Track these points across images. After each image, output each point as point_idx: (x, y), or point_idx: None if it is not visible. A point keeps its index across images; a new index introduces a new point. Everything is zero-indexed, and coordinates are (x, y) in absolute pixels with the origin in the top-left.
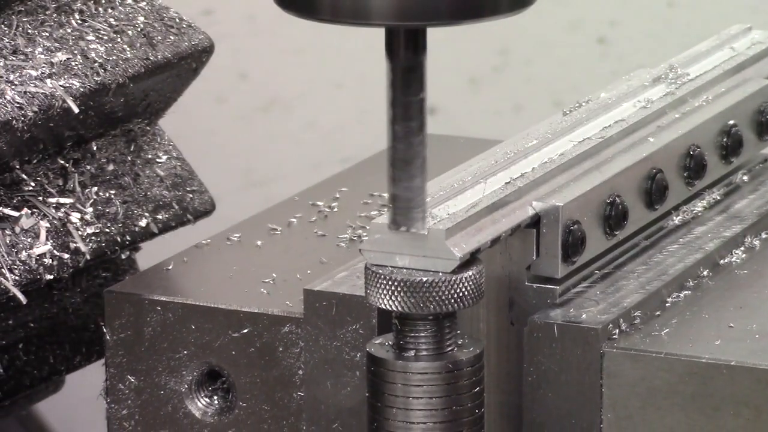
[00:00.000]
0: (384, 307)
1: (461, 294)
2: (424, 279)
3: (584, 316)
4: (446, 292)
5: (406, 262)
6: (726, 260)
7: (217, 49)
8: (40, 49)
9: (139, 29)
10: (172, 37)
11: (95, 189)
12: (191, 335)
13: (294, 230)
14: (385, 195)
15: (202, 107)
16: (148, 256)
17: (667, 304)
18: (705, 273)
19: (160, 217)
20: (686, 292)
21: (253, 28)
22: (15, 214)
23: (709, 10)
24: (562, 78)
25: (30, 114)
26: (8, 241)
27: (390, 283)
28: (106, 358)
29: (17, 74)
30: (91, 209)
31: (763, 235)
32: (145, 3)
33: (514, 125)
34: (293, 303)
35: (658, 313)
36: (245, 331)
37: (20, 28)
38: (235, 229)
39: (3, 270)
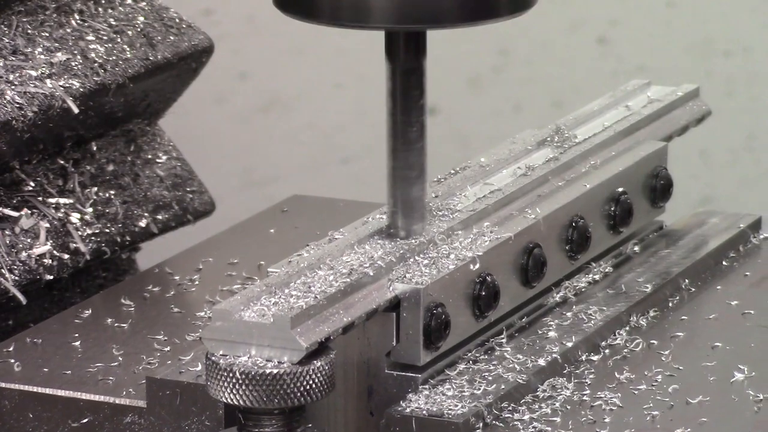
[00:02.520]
0: (226, 401)
1: (309, 387)
2: (268, 371)
3: (446, 407)
4: (292, 385)
5: (249, 352)
6: (608, 341)
7: (217, 49)
8: (39, 50)
9: (139, 29)
10: (172, 38)
11: (95, 189)
12: (29, 424)
13: (148, 306)
14: (270, 268)
15: (202, 107)
16: (148, 256)
17: (539, 393)
18: (584, 357)
19: (160, 217)
20: (561, 379)
21: (253, 28)
22: (15, 214)
23: (709, 10)
24: (562, 78)
25: (30, 114)
26: (8, 242)
27: (231, 375)
28: None
29: (17, 74)
30: (91, 209)
31: (651, 313)
32: (145, 3)
33: (514, 125)
34: (137, 391)
35: (528, 403)
36: (85, 420)
37: (20, 28)
38: (86, 305)
39: (3, 270)
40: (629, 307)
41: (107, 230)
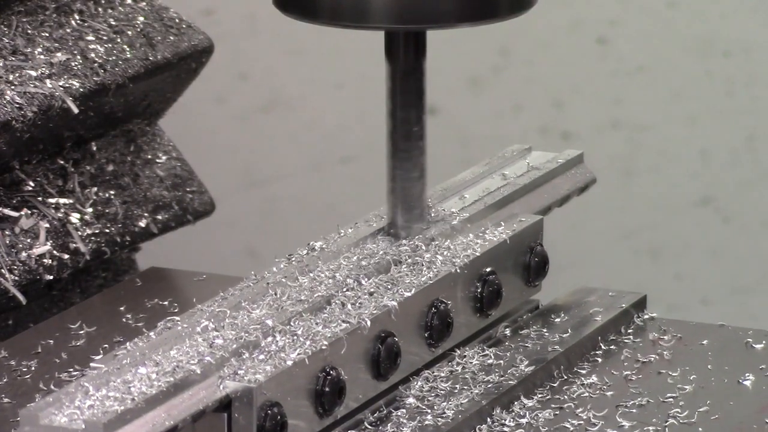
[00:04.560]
0: None
1: None
2: None
3: None
4: None
5: None
6: None
7: (217, 49)
8: (39, 50)
9: (138, 29)
10: (171, 38)
11: (95, 189)
12: None
13: None
14: (93, 363)
15: (202, 107)
16: (148, 256)
17: None
18: None
19: (159, 217)
20: None
21: (253, 28)
22: (15, 214)
23: (709, 10)
24: (562, 78)
25: (29, 114)
26: (8, 242)
27: None
28: None
29: (17, 74)
30: (90, 209)
31: (517, 406)
32: (144, 3)
33: (514, 125)
34: None
35: None
36: None
37: (20, 28)
38: None
39: (3, 270)
40: (492, 400)
41: (107, 230)
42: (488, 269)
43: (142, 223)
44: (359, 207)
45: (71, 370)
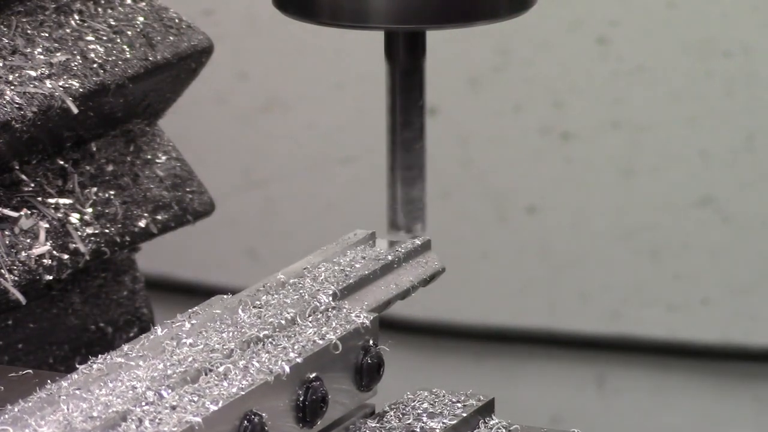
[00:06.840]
0: None
1: None
2: None
3: None
4: None
5: None
6: None
7: (217, 49)
8: (39, 50)
9: (138, 30)
10: (171, 38)
11: (94, 189)
12: None
13: None
14: None
15: (202, 107)
16: (147, 256)
17: None
18: None
19: (159, 217)
20: None
21: (253, 28)
22: (14, 214)
23: (709, 10)
24: (562, 78)
25: (29, 114)
26: (8, 242)
27: None
28: None
29: (16, 75)
30: (90, 210)
31: None
32: (144, 3)
33: (514, 125)
34: None
35: None
36: None
37: (19, 29)
38: None
39: (2, 270)
40: None
41: (107, 230)
42: (312, 375)
43: (142, 223)
44: (359, 207)
45: None
